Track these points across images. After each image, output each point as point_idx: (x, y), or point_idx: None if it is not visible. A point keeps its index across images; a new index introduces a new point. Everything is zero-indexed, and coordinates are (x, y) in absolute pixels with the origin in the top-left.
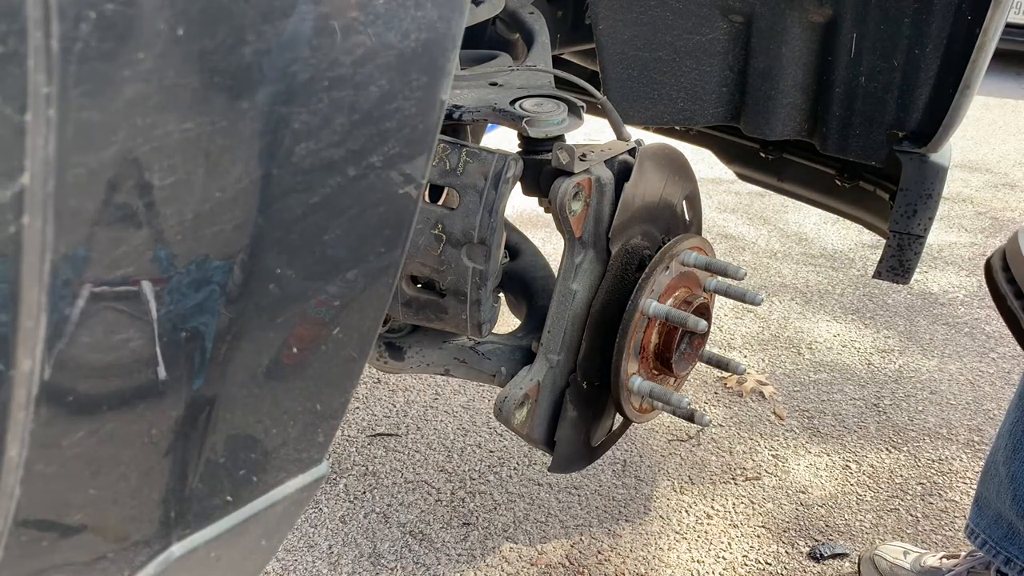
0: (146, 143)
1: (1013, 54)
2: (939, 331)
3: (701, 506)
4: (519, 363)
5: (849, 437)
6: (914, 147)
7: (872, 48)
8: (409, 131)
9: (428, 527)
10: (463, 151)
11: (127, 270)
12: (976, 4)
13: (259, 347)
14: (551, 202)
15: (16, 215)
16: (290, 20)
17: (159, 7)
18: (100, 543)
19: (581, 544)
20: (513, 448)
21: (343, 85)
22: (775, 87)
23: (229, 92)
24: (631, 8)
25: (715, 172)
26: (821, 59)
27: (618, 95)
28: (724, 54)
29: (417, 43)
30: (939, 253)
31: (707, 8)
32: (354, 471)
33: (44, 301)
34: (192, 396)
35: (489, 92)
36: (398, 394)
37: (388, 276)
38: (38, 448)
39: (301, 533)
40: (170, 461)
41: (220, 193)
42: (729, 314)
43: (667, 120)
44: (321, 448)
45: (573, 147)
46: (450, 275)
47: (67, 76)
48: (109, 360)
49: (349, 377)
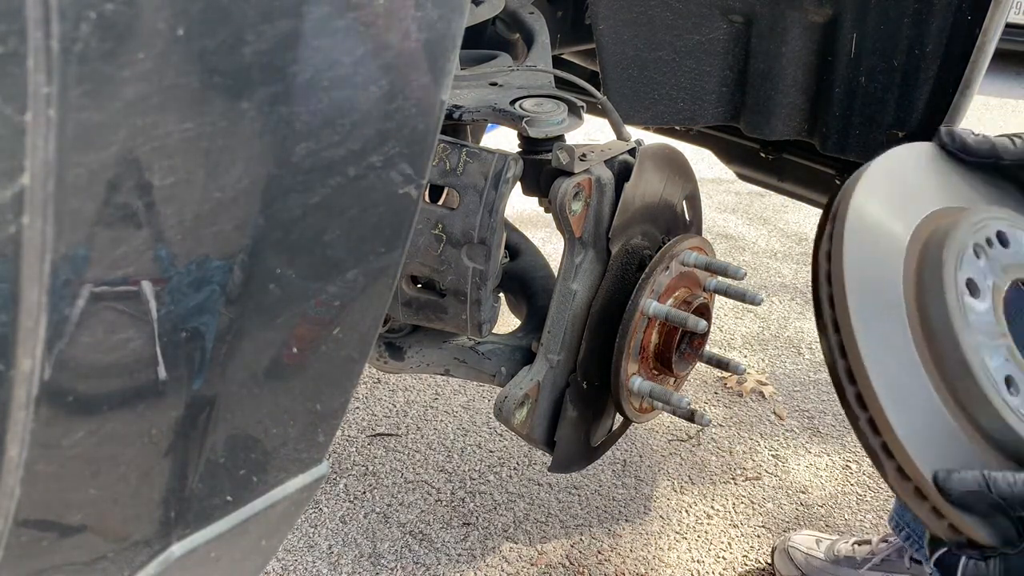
0: (146, 143)
1: (1013, 54)
2: None
3: (701, 506)
4: (519, 363)
5: (849, 437)
6: None
7: (872, 48)
8: (409, 131)
9: (428, 527)
10: (463, 151)
11: (127, 270)
12: (976, 4)
13: (259, 347)
14: (551, 202)
15: (16, 215)
16: (290, 20)
17: (159, 7)
18: (100, 543)
19: (581, 544)
20: (513, 448)
21: (343, 85)
22: (775, 87)
23: (229, 92)
24: (631, 8)
25: (715, 172)
26: (821, 59)
27: (618, 95)
28: (724, 54)
29: (417, 43)
30: None
31: (707, 8)
32: (354, 471)
33: (44, 301)
34: (192, 396)
35: (489, 92)
36: (398, 394)
37: (388, 276)
38: (38, 448)
39: (301, 533)
40: (170, 461)
41: (220, 193)
42: (729, 314)
43: (667, 120)
44: (321, 448)
45: (573, 147)
46: (450, 275)
47: (67, 76)
48: (109, 360)
49: (349, 377)
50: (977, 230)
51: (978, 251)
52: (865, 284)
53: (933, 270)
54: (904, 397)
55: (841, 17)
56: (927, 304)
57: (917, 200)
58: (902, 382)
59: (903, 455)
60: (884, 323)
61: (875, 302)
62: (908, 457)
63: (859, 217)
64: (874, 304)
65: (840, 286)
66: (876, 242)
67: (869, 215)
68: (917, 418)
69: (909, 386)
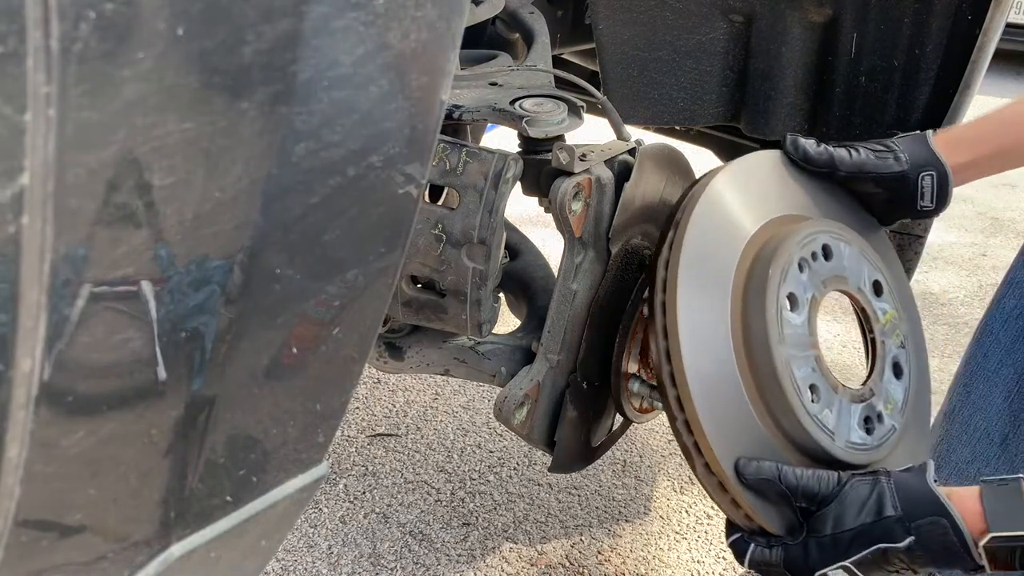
0: (146, 143)
1: (1013, 54)
2: (939, 331)
3: (701, 506)
4: (519, 363)
5: None
6: None
7: (872, 48)
8: (409, 131)
9: (428, 527)
10: (463, 151)
11: (127, 270)
12: (976, 4)
13: (259, 347)
14: (551, 202)
15: (16, 215)
16: (290, 20)
17: (159, 7)
18: (100, 543)
19: (581, 544)
20: (513, 448)
21: (343, 85)
22: (775, 87)
23: (229, 92)
24: (631, 8)
25: None
26: (821, 59)
27: (618, 95)
28: (724, 54)
29: (417, 43)
30: (939, 253)
31: (707, 8)
32: (354, 471)
33: (44, 301)
34: (192, 396)
35: (489, 92)
36: (398, 394)
37: (388, 276)
38: (38, 448)
39: (301, 533)
40: (170, 461)
41: (220, 193)
42: None
43: (667, 120)
44: (321, 448)
45: (573, 147)
46: (450, 275)
47: (67, 76)
48: (109, 360)
49: (349, 377)
50: (804, 244)
51: (802, 265)
52: (696, 294)
53: (759, 284)
54: (718, 402)
55: (841, 17)
56: (750, 317)
57: (757, 210)
58: (718, 388)
59: (710, 454)
60: (708, 333)
61: (703, 314)
62: (714, 456)
63: (699, 226)
64: (702, 314)
65: (672, 296)
66: (712, 253)
67: (709, 224)
68: (728, 421)
69: (724, 392)
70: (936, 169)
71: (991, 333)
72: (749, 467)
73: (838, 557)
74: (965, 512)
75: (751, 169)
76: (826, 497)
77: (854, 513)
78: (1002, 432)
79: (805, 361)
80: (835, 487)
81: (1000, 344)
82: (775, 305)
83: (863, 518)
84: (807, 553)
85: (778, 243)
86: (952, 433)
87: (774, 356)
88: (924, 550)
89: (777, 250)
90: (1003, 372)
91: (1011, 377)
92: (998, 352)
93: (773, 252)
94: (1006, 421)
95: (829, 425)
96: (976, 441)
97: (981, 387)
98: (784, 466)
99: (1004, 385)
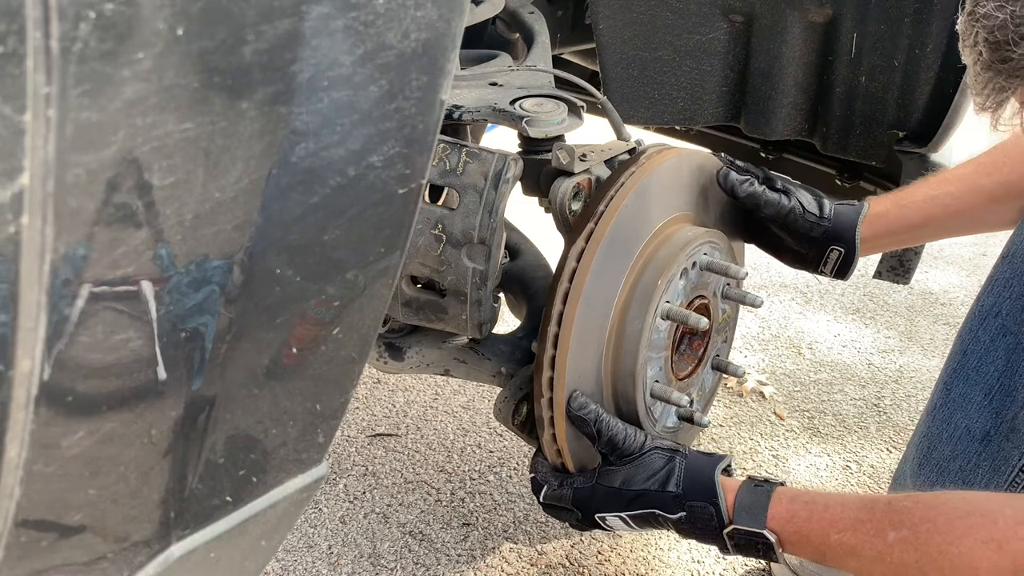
0: (146, 143)
1: None
2: (940, 331)
3: None
4: (519, 363)
5: (849, 437)
6: (915, 147)
7: (872, 48)
8: (409, 131)
9: (428, 527)
10: (463, 151)
11: (127, 270)
12: None
13: (259, 347)
14: (551, 202)
15: (16, 215)
16: (290, 20)
17: (159, 7)
18: (100, 543)
19: (581, 544)
20: (513, 448)
21: (343, 85)
22: (775, 87)
23: (229, 92)
24: (631, 8)
25: None
26: (821, 59)
27: (618, 95)
28: (724, 54)
29: (417, 43)
30: (939, 253)
31: (707, 8)
32: (354, 471)
33: (44, 301)
34: (192, 396)
35: (489, 92)
36: (398, 394)
37: (388, 276)
38: (38, 448)
39: (301, 533)
40: (170, 461)
41: (220, 193)
42: None
43: (667, 120)
44: (321, 448)
45: (573, 147)
46: (450, 275)
47: (67, 76)
48: (109, 360)
49: (349, 377)
50: (690, 255)
51: (683, 274)
52: (590, 301)
53: (643, 293)
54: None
55: (841, 17)
56: (625, 325)
57: (661, 217)
58: (586, 351)
59: (560, 391)
60: (589, 341)
61: (590, 322)
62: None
63: (616, 228)
64: (588, 324)
65: (573, 305)
66: (616, 257)
67: (623, 227)
68: (582, 374)
69: (588, 356)
70: (846, 247)
71: (971, 331)
72: (578, 400)
73: (619, 508)
74: (730, 504)
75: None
76: (627, 452)
77: (642, 479)
78: (983, 429)
79: (657, 361)
80: (637, 449)
81: (979, 342)
82: (653, 314)
83: (649, 485)
84: (594, 496)
85: (665, 255)
86: (934, 431)
87: (638, 359)
88: (690, 526)
89: (665, 261)
90: (983, 370)
91: (991, 374)
92: (978, 350)
93: (661, 263)
94: (987, 418)
95: (656, 414)
96: (957, 439)
97: (961, 385)
98: (605, 413)
99: (984, 383)
